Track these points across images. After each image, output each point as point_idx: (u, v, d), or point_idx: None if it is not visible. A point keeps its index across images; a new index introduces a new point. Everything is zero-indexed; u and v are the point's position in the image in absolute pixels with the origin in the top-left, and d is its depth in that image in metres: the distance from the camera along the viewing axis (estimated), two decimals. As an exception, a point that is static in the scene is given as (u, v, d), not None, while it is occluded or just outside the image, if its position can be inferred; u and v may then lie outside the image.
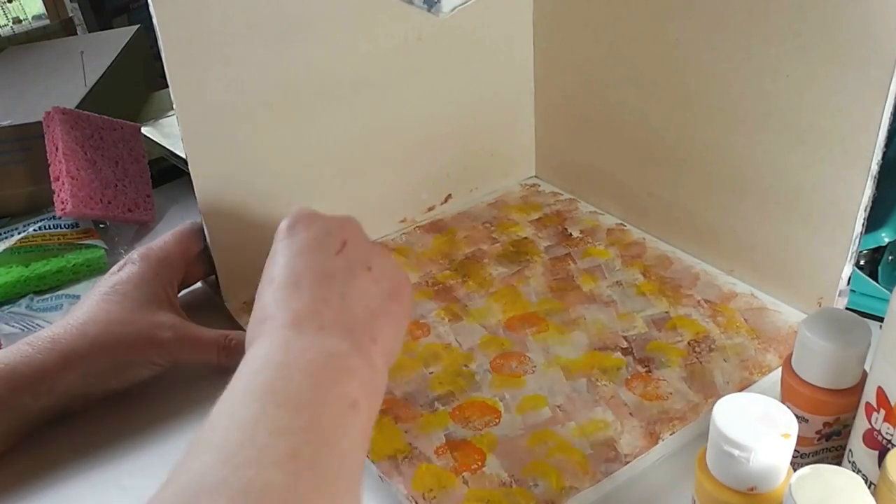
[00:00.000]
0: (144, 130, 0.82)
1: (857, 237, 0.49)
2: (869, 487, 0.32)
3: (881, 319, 0.51)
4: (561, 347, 0.54)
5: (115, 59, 0.91)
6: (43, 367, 0.47)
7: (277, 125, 0.58)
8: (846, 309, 0.47)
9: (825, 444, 0.41)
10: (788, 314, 0.55)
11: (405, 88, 0.64)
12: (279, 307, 0.36)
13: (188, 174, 0.56)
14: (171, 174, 0.83)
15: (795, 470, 0.33)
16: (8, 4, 1.15)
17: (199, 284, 0.62)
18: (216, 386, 0.31)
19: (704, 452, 0.36)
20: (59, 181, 0.70)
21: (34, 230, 0.71)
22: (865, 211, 0.48)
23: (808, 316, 0.40)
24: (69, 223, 0.72)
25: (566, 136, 0.72)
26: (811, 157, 0.50)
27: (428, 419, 0.49)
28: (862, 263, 0.56)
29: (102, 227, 0.75)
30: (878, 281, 0.55)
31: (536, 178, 0.77)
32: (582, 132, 0.69)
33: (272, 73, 0.57)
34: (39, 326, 0.62)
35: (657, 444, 0.46)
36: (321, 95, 0.60)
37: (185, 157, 0.55)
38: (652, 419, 0.47)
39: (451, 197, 0.72)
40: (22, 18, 1.16)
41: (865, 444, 0.37)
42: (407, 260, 0.65)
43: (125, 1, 1.10)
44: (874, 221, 0.51)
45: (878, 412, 0.36)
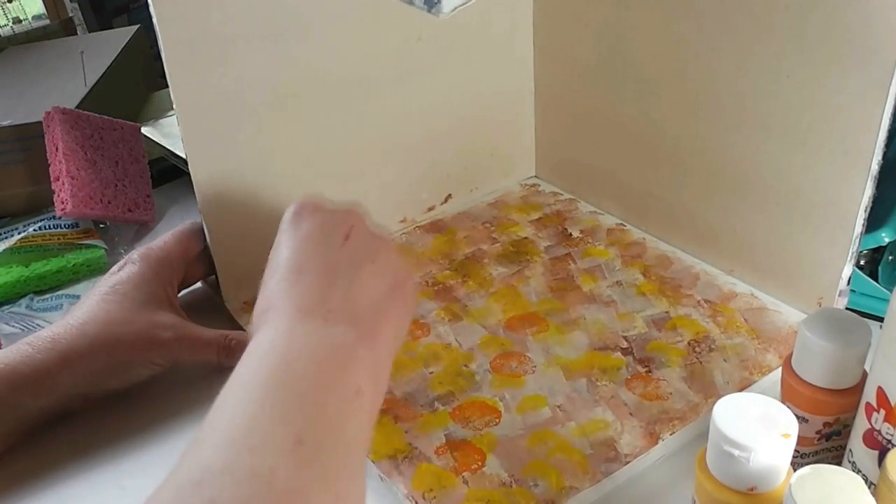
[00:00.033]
0: (144, 130, 0.82)
1: (857, 237, 0.49)
2: (869, 487, 0.32)
3: (881, 319, 0.51)
4: (561, 347, 0.54)
5: (115, 59, 0.91)
6: (43, 367, 0.47)
7: (277, 125, 0.58)
8: (846, 309, 0.47)
9: (825, 444, 0.41)
10: (788, 314, 0.55)
11: (405, 88, 0.64)
12: (283, 296, 0.36)
13: (188, 174, 0.56)
14: (171, 174, 0.83)
15: (795, 470, 0.33)
16: (8, 4, 1.15)
17: (199, 284, 0.62)
18: (216, 386, 0.31)
19: (704, 452, 0.36)
20: (59, 181, 0.70)
21: (34, 230, 0.71)
22: (865, 211, 0.48)
23: (808, 316, 0.40)
24: (69, 223, 0.72)
25: (566, 135, 0.72)
26: (812, 157, 0.50)
27: (428, 419, 0.49)
28: (862, 263, 0.56)
29: (102, 227, 0.75)
30: (878, 281, 0.55)
31: (536, 177, 0.76)
32: (582, 132, 0.69)
33: (272, 73, 0.57)
34: (39, 326, 0.62)
35: (657, 444, 0.46)
36: (321, 95, 0.60)
37: (185, 157, 0.55)
38: (652, 419, 0.47)
39: (451, 197, 0.72)
40: (22, 18, 1.16)
41: (865, 444, 0.37)
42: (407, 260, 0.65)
43: (125, 1, 1.10)
44: (874, 221, 0.51)
45: (878, 412, 0.36)
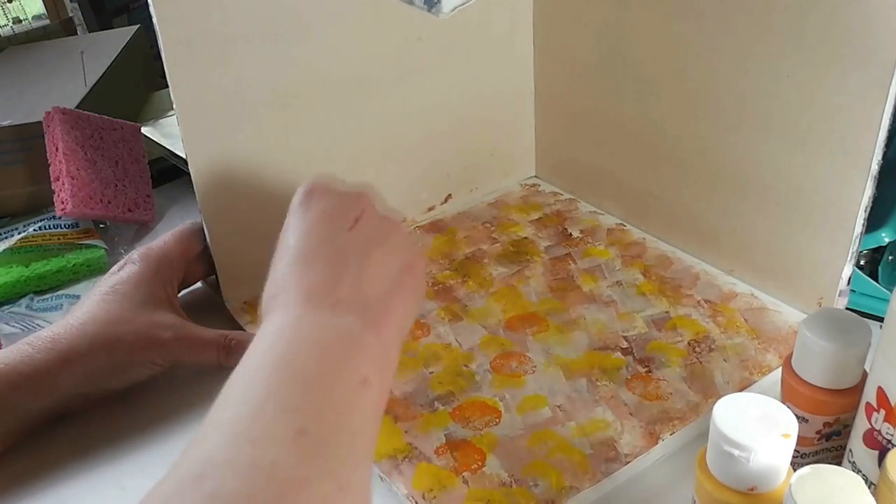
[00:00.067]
0: (144, 130, 0.82)
1: (857, 237, 0.49)
2: (869, 487, 0.32)
3: (881, 319, 0.51)
4: (561, 347, 0.54)
5: (115, 59, 0.91)
6: (43, 366, 0.47)
7: (277, 125, 0.58)
8: (846, 309, 0.47)
9: (825, 444, 0.41)
10: (788, 314, 0.55)
11: (405, 88, 0.64)
12: (292, 283, 0.36)
13: (188, 174, 0.56)
14: (171, 174, 0.83)
15: (795, 470, 0.33)
16: (8, 4, 1.15)
17: (199, 284, 0.62)
18: (216, 386, 0.31)
19: (704, 452, 0.36)
20: (59, 181, 0.70)
21: (34, 230, 0.71)
22: (865, 211, 0.48)
23: (808, 316, 0.40)
24: (69, 223, 0.72)
25: (566, 135, 0.72)
26: (812, 157, 0.50)
27: (428, 419, 0.49)
28: (862, 263, 0.56)
29: (102, 227, 0.75)
30: (878, 281, 0.55)
31: (536, 177, 0.76)
32: (582, 132, 0.69)
33: (272, 73, 0.57)
34: (39, 326, 0.62)
35: (657, 444, 0.46)
36: (321, 95, 0.60)
37: (185, 157, 0.55)
38: (652, 419, 0.47)
39: (451, 197, 0.72)
40: (22, 18, 1.16)
41: (865, 444, 0.37)
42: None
43: (125, 1, 1.10)
44: (874, 221, 0.51)
45: (878, 412, 0.36)
